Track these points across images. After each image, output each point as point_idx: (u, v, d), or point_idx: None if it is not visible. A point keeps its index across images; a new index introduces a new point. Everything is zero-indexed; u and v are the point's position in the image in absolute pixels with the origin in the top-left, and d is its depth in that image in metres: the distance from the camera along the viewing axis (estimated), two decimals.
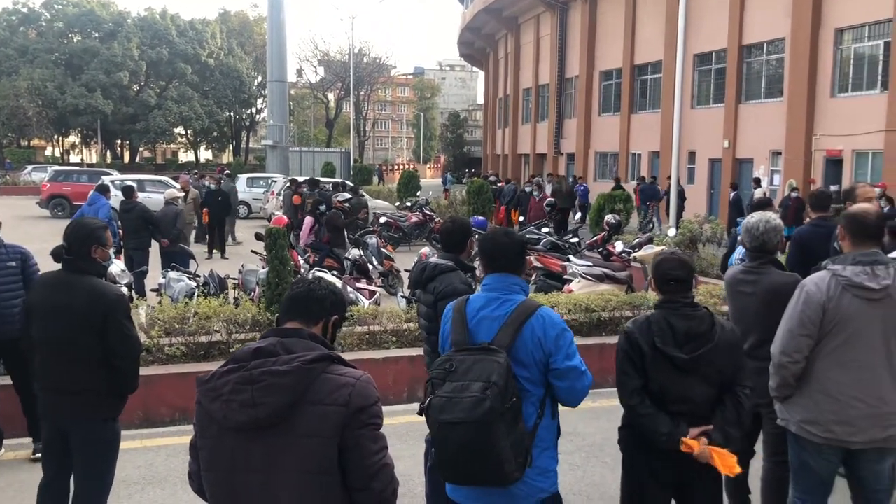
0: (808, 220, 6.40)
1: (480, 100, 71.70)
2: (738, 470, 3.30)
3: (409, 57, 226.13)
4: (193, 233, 17.13)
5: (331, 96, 72.12)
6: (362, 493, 2.29)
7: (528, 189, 20.93)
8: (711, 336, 3.28)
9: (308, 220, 13.39)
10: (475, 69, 77.59)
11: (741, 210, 19.95)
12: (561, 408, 3.26)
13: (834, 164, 22.08)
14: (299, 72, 72.90)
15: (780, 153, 23.77)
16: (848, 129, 21.18)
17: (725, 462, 3.23)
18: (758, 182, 21.72)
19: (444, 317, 3.28)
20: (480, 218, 16.27)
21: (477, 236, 4.28)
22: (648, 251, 11.33)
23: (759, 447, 4.44)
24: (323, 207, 13.94)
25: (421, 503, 4.89)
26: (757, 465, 4.43)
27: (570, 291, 10.21)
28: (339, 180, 23.26)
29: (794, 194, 18.00)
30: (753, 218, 4.30)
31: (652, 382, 3.31)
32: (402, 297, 10.23)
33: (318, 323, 2.45)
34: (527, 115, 44.25)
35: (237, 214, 20.62)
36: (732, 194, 21.36)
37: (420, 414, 2.98)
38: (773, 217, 4.30)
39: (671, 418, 3.27)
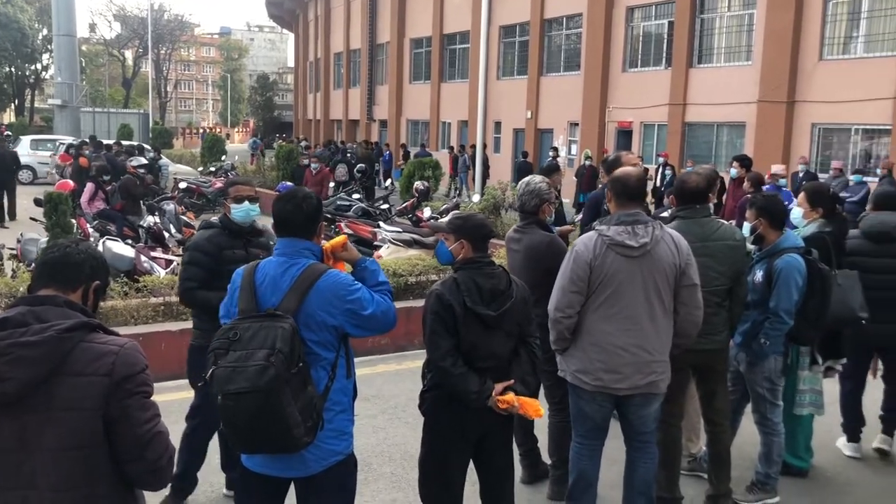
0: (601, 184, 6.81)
1: (291, 63, 69.79)
2: (542, 412, 3.53)
3: (215, 16, 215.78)
4: None
5: (128, 54, 67.35)
6: (135, 465, 2.17)
7: (304, 162, 18.54)
8: (511, 292, 3.45)
9: (89, 185, 12.35)
10: (285, 31, 75.34)
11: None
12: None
13: (625, 135, 23.67)
14: (92, 26, 67.54)
15: (577, 124, 25.11)
16: (637, 103, 22.76)
17: (532, 407, 3.46)
18: (556, 151, 22.83)
19: (231, 283, 3.15)
20: (289, 184, 15.90)
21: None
22: None
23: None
24: (108, 177, 12.96)
25: (217, 476, 4.73)
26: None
27: (380, 257, 10.27)
28: (138, 143, 21.87)
29: (587, 163, 19.14)
30: (522, 181, 4.61)
31: (463, 342, 3.38)
32: None
33: (76, 289, 2.26)
34: (338, 80, 43.70)
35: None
36: (520, 161, 22.40)
37: (202, 386, 2.85)
38: (535, 181, 4.59)
39: (479, 377, 3.38)
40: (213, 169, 22.15)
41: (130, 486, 2.24)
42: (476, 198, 14.81)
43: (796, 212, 5.08)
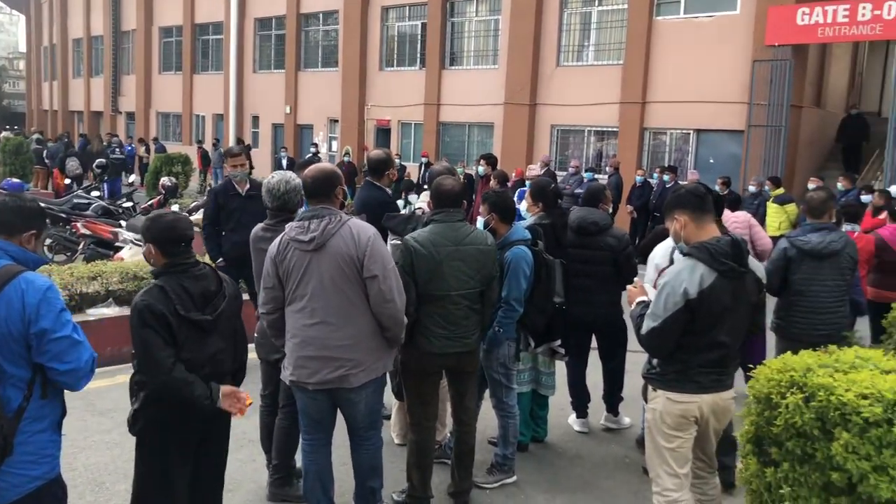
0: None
1: (23, 47, 63.03)
2: (250, 400, 3.53)
3: None
4: None
5: None
6: None
7: None
8: (224, 292, 3.33)
9: None
10: (15, 12, 67.87)
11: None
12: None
13: (384, 133, 24.06)
14: None
15: (337, 121, 25.12)
16: (394, 101, 23.22)
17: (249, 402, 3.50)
18: (317, 147, 22.70)
19: None
20: (15, 181, 14.32)
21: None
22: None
23: None
24: None
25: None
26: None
27: (121, 259, 9.58)
28: None
29: (346, 159, 19.22)
30: (274, 178, 4.44)
31: (181, 352, 3.21)
32: None
33: None
34: (78, 69, 40.10)
35: None
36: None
37: None
38: (293, 178, 4.47)
39: (203, 381, 3.24)
40: None
41: None
42: None
43: (523, 205, 5.44)
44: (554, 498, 4.78)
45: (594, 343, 5.85)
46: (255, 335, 4.51)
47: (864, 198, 11.04)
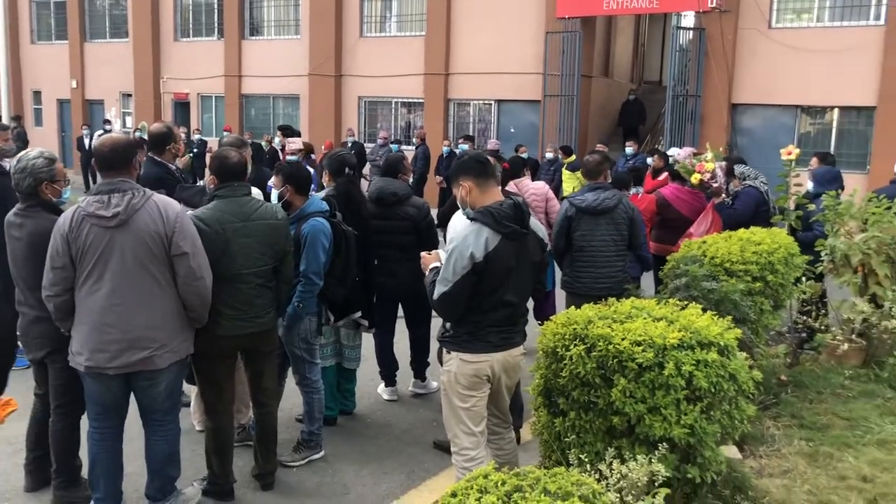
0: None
1: None
2: (15, 406, 3.21)
3: None
4: None
5: None
6: None
7: None
8: None
9: None
10: None
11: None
12: None
13: (182, 107, 22.86)
14: None
15: (130, 95, 23.56)
16: (192, 74, 22.11)
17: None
18: (110, 123, 21.18)
19: None
20: None
21: None
22: None
23: None
24: None
25: None
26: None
27: None
28: None
29: (138, 134, 18.08)
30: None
31: None
32: None
33: None
34: None
35: None
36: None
37: None
38: (28, 157, 3.99)
39: None
40: None
41: None
42: None
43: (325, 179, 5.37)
44: (362, 468, 4.77)
45: (400, 312, 5.89)
46: (18, 332, 4.10)
47: (650, 160, 11.92)
